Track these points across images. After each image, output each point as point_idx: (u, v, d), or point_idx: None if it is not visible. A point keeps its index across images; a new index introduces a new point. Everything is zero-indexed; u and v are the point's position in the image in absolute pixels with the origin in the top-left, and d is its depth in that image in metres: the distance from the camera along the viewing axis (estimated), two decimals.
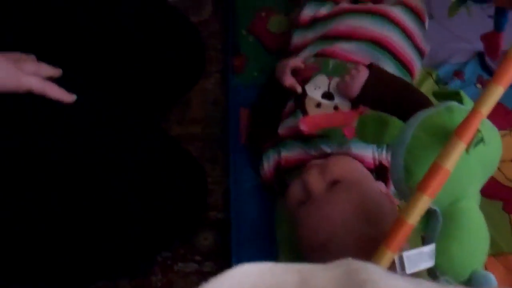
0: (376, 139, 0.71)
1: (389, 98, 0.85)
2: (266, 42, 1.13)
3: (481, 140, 0.60)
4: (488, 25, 0.98)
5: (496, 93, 0.59)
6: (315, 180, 0.79)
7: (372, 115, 0.72)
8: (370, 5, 1.02)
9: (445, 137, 0.61)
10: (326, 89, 0.92)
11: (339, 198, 0.76)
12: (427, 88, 1.07)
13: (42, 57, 0.78)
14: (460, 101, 0.67)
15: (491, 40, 1.00)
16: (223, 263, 0.89)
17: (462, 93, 0.67)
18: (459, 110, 0.64)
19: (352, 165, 0.83)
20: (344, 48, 0.96)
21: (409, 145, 0.64)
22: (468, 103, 0.67)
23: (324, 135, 0.88)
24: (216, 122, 1.06)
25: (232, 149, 0.99)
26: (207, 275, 0.88)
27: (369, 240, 0.72)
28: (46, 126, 0.73)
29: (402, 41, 1.01)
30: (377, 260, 0.60)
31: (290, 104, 0.94)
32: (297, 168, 0.88)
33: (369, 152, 0.86)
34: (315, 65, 0.95)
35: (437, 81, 1.10)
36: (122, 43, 0.87)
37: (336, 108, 0.90)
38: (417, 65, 1.03)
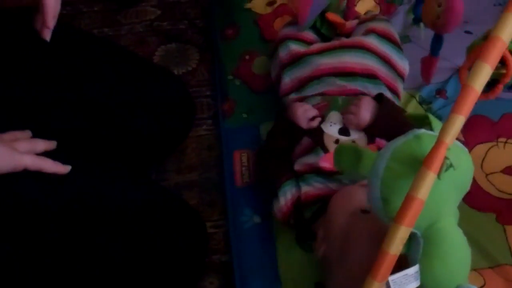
0: (351, 170, 0.74)
1: (402, 126, 0.88)
2: (252, 84, 1.17)
3: (450, 166, 0.63)
4: (466, 41, 1.01)
5: (457, 122, 0.62)
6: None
7: (347, 145, 0.75)
8: (344, 40, 1.07)
9: (417, 165, 0.64)
10: (341, 125, 0.95)
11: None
12: (411, 110, 1.10)
13: (36, 128, 0.83)
14: (429, 124, 0.71)
15: (426, 63, 1.03)
16: None
17: (431, 116, 0.70)
18: (427, 137, 0.67)
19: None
20: (345, 85, 1.00)
21: (383, 176, 0.66)
22: (437, 126, 0.70)
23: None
24: (212, 166, 1.10)
25: (228, 192, 1.03)
26: None
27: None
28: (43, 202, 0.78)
29: (383, 67, 1.05)
30: None
31: (305, 141, 0.96)
32: (316, 202, 0.90)
33: None
34: (324, 103, 0.98)
35: (421, 102, 1.13)
36: (111, 105, 0.91)
37: (353, 143, 0.93)
38: (401, 88, 1.08)
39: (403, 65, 1.09)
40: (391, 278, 0.64)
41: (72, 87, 0.90)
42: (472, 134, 1.06)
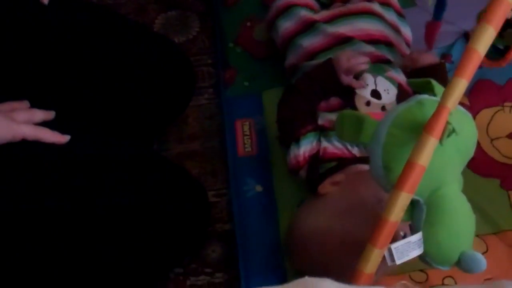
0: (353, 138, 0.73)
1: None
2: (253, 51, 1.15)
3: (453, 131, 0.62)
4: (472, 3, 0.98)
5: (459, 86, 0.60)
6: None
7: (349, 113, 0.73)
8: (351, 6, 1.04)
9: (419, 131, 0.63)
10: (373, 86, 0.93)
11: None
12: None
13: (34, 98, 0.82)
14: (432, 89, 0.69)
15: (429, 28, 1.01)
16: (233, 273, 0.91)
17: (433, 81, 0.69)
18: (429, 103, 0.66)
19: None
20: (372, 51, 0.98)
21: (385, 143, 0.65)
22: (440, 91, 0.68)
23: None
24: (214, 135, 1.09)
25: (230, 161, 1.02)
26: (219, 286, 0.92)
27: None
28: (44, 169, 0.77)
29: (394, 35, 1.03)
30: (366, 258, 0.63)
31: (333, 99, 0.94)
32: (332, 160, 0.89)
33: None
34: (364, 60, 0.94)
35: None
36: (111, 75, 0.90)
37: (383, 108, 0.92)
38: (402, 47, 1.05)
39: (408, 32, 1.07)
40: (394, 246, 0.64)
41: (72, 58, 0.89)
42: (477, 99, 1.05)
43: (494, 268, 0.85)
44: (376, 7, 1.03)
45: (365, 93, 0.92)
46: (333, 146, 0.90)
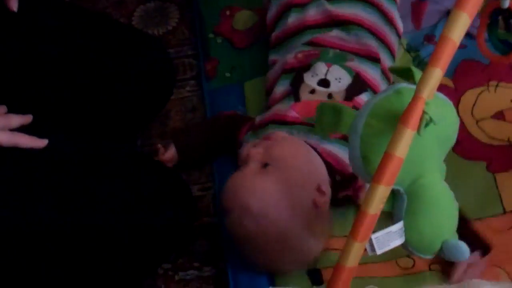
0: (332, 129, 0.72)
1: None
2: (234, 41, 1.14)
3: (430, 121, 0.61)
4: None
5: (435, 76, 0.59)
6: (254, 154, 0.84)
7: (327, 104, 0.73)
8: None
9: (396, 122, 0.62)
10: (323, 76, 0.93)
11: (260, 186, 0.82)
12: (399, 58, 1.07)
13: (10, 102, 0.81)
14: (413, 77, 0.68)
15: (415, 8, 1.00)
16: (221, 266, 0.91)
17: (413, 69, 0.67)
18: (407, 92, 0.65)
19: (297, 151, 0.86)
20: (337, 36, 0.98)
21: (363, 134, 0.65)
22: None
23: (310, 125, 0.89)
24: None
25: None
26: (207, 280, 0.92)
27: (290, 234, 0.80)
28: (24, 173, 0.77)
29: (384, 25, 1.01)
30: (347, 251, 0.62)
31: (285, 88, 0.94)
32: None
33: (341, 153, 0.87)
34: (316, 51, 0.96)
35: (408, 50, 1.09)
36: (88, 74, 0.89)
37: (330, 96, 0.92)
38: (396, 47, 1.04)
39: (401, 24, 1.05)
40: (374, 236, 0.64)
41: (47, 58, 0.88)
42: (461, 80, 1.04)
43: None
44: None
45: (312, 82, 0.92)
46: None
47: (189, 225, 0.88)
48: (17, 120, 0.79)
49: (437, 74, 0.59)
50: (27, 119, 0.80)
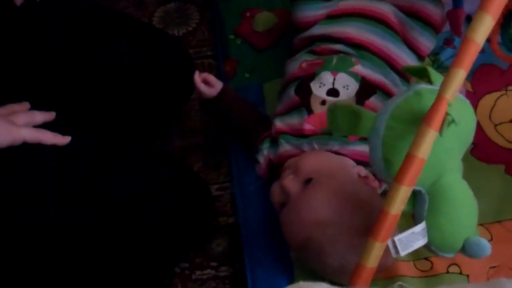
0: (350, 131, 0.73)
1: None
2: (253, 42, 1.15)
3: (452, 121, 0.61)
4: None
5: (458, 77, 0.60)
6: (289, 181, 0.83)
7: (343, 105, 0.73)
8: (375, 6, 1.00)
9: (418, 123, 0.63)
10: (331, 86, 0.93)
11: (311, 197, 0.80)
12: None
13: (34, 99, 0.83)
14: (429, 77, 0.68)
15: (452, 16, 0.99)
16: (238, 266, 0.92)
17: (429, 69, 0.68)
18: (427, 93, 0.65)
19: (322, 158, 0.86)
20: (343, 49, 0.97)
21: (384, 136, 0.65)
22: (437, 79, 0.68)
23: (327, 134, 0.89)
24: (216, 129, 1.08)
25: (233, 154, 1.02)
26: (224, 279, 0.93)
27: (354, 229, 0.76)
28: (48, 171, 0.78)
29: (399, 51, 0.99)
30: (368, 252, 0.63)
31: (291, 99, 0.94)
32: None
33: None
34: (319, 60, 0.96)
35: (428, 54, 1.10)
36: (110, 73, 0.90)
37: None
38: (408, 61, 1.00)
39: (426, 44, 1.01)
40: (397, 238, 0.64)
41: (69, 57, 0.89)
42: (480, 84, 1.04)
43: (500, 256, 0.85)
44: (393, 17, 1.00)
45: (320, 93, 0.92)
46: (291, 146, 0.91)
47: (207, 224, 0.89)
48: (41, 116, 0.80)
49: (460, 75, 0.60)
50: (50, 116, 0.82)
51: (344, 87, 0.92)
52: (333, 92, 0.92)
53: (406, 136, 0.64)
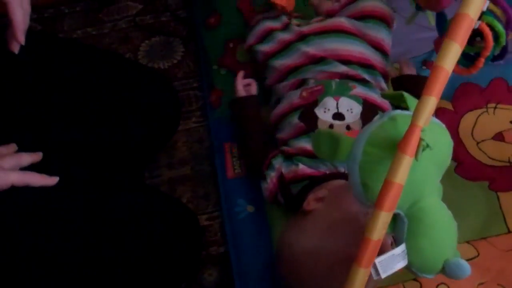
0: (330, 157, 0.74)
1: None
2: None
3: (427, 146, 0.63)
4: (451, 9, 0.99)
5: (429, 104, 0.61)
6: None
7: (324, 132, 0.74)
8: (329, 23, 1.05)
9: (393, 148, 0.64)
10: (335, 110, 0.95)
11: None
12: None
13: (20, 139, 0.83)
14: (405, 102, 0.70)
15: (438, 45, 1.01)
16: None
17: (405, 94, 0.70)
18: (402, 119, 0.67)
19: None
20: (340, 70, 1.00)
21: (361, 162, 0.66)
22: (413, 104, 0.69)
23: None
24: (204, 158, 1.10)
25: (221, 184, 1.03)
26: None
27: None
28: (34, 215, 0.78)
29: (370, 53, 1.04)
30: (352, 279, 0.64)
31: (297, 124, 0.96)
32: (305, 180, 0.91)
33: None
34: (318, 86, 0.98)
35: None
36: (95, 109, 0.91)
37: (348, 127, 0.93)
38: (384, 64, 1.06)
39: (387, 40, 1.07)
40: (378, 260, 0.65)
41: (57, 95, 0.90)
42: (461, 103, 1.06)
43: (487, 273, 0.86)
44: (347, 23, 1.04)
45: (327, 117, 0.94)
46: (304, 166, 0.92)
47: (197, 255, 0.90)
48: (28, 158, 0.80)
49: (431, 102, 0.61)
50: (37, 157, 0.81)
51: (348, 110, 0.94)
52: (338, 116, 0.94)
53: (383, 161, 0.65)
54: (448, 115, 1.05)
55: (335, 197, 0.84)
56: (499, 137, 1.01)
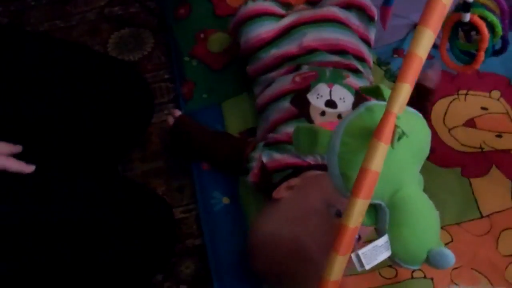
0: (310, 150, 0.74)
1: None
2: (209, 63, 1.15)
3: (403, 134, 0.63)
4: None
5: (403, 91, 0.62)
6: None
7: (303, 126, 0.74)
8: (319, 12, 1.04)
9: (370, 138, 0.64)
10: (328, 97, 0.94)
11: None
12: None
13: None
14: (382, 94, 0.70)
15: (382, 12, 1.02)
16: (208, 287, 0.92)
17: (381, 86, 0.70)
18: (378, 108, 0.67)
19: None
20: (332, 60, 0.99)
21: (339, 152, 0.66)
22: (389, 95, 0.70)
23: None
24: (178, 151, 1.08)
25: (195, 176, 1.02)
26: None
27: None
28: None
29: (355, 41, 1.04)
30: (330, 265, 0.64)
31: (289, 108, 0.95)
32: (289, 169, 0.90)
33: None
34: (312, 72, 0.97)
35: (379, 64, 1.12)
36: (66, 104, 0.90)
37: (340, 116, 0.93)
38: (371, 58, 1.07)
39: (372, 33, 1.08)
40: (361, 252, 0.65)
41: (26, 89, 0.89)
42: None
43: (461, 257, 0.87)
44: (340, 12, 1.04)
45: (319, 104, 0.93)
46: (288, 156, 0.91)
47: (170, 246, 0.89)
48: (7, 147, 0.82)
49: (406, 89, 0.62)
50: (16, 148, 0.83)
51: (340, 99, 0.94)
52: (331, 103, 0.93)
53: (360, 151, 0.65)
54: None
55: (304, 187, 0.85)
56: (470, 123, 1.03)
